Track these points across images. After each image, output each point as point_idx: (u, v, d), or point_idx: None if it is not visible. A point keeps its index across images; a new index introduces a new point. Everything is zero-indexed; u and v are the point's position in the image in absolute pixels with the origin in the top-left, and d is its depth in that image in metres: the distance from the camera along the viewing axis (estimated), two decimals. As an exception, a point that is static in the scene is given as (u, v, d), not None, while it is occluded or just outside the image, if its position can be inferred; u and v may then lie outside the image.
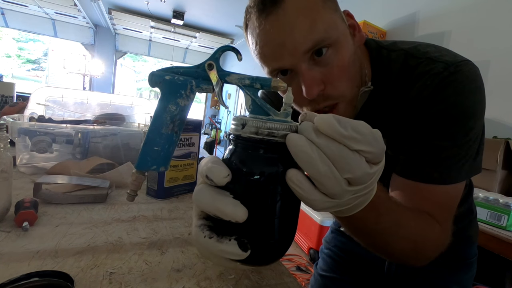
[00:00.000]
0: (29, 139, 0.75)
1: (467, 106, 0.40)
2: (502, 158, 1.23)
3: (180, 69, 0.29)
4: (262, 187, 0.23)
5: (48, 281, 0.31)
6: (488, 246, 1.09)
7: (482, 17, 1.68)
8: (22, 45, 14.86)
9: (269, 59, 0.42)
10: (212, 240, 0.23)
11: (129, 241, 0.45)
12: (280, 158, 0.23)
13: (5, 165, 0.45)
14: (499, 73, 1.54)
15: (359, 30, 0.45)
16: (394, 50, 0.47)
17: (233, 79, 0.28)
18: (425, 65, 0.43)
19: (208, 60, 0.29)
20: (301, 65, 0.40)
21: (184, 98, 0.28)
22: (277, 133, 0.23)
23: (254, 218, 0.23)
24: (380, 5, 2.43)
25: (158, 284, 0.35)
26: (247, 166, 0.23)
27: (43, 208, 0.52)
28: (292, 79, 0.43)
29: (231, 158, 0.25)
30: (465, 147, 0.41)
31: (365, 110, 0.48)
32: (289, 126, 0.23)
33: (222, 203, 0.22)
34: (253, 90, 0.27)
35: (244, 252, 0.22)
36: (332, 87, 0.42)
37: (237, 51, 0.29)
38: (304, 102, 0.44)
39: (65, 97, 1.10)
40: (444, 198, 0.41)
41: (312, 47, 0.39)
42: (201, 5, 4.58)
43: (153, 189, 0.66)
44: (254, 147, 0.24)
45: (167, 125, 0.28)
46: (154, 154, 0.28)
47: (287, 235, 0.25)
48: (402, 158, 0.44)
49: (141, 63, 16.84)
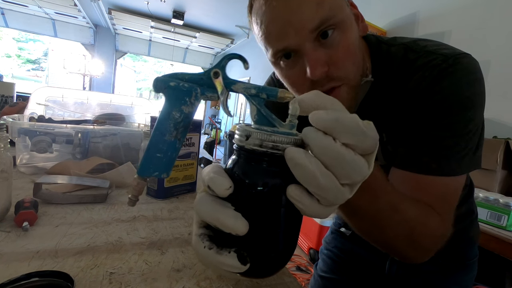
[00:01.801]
0: (29, 139, 0.75)
1: (465, 97, 0.40)
2: (502, 158, 1.23)
3: (186, 75, 0.29)
4: (264, 200, 0.23)
5: (48, 281, 0.31)
6: (488, 246, 1.09)
7: (482, 17, 1.68)
8: (22, 45, 14.87)
9: (274, 38, 0.41)
10: (212, 252, 0.23)
11: (129, 241, 0.45)
12: (283, 172, 0.23)
13: (5, 165, 0.45)
14: (499, 73, 1.54)
15: (362, 20, 0.45)
16: (393, 44, 0.47)
17: (238, 88, 0.27)
18: (424, 58, 0.43)
19: (214, 67, 0.28)
20: (306, 45, 0.39)
21: (189, 106, 0.28)
22: (281, 146, 0.22)
23: (255, 231, 0.23)
24: (380, 5, 2.43)
25: (158, 284, 0.35)
26: (250, 178, 0.23)
27: (43, 208, 0.52)
28: (295, 62, 0.42)
29: (234, 169, 0.24)
30: (464, 138, 0.40)
31: (365, 105, 0.48)
32: (294, 139, 0.23)
33: (223, 215, 0.22)
34: (258, 99, 0.26)
35: (243, 265, 0.22)
36: (336, 68, 0.41)
37: (244, 59, 0.29)
38: (307, 84, 0.43)
39: (65, 97, 1.10)
40: (443, 189, 0.41)
41: (319, 26, 0.38)
42: (201, 5, 4.58)
43: (153, 189, 0.66)
44: (257, 160, 0.23)
45: (171, 132, 0.28)
46: (156, 161, 0.28)
47: (287, 248, 0.25)
48: (401, 150, 0.44)
49: (141, 63, 16.84)
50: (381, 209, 0.33)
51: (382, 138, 0.48)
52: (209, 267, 0.24)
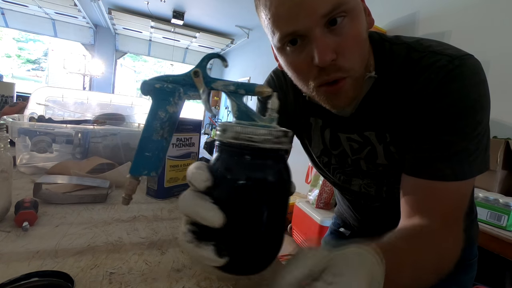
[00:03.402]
0: (29, 139, 0.75)
1: (474, 100, 0.39)
2: (502, 158, 1.23)
3: (170, 77, 0.30)
4: (241, 193, 0.23)
5: (48, 281, 0.31)
6: (488, 246, 1.09)
7: (482, 17, 1.68)
8: (22, 45, 14.86)
9: (283, 21, 0.39)
10: (192, 245, 0.23)
11: (129, 241, 0.45)
12: (259, 164, 0.23)
13: (5, 165, 0.45)
14: (499, 73, 1.54)
15: (369, 14, 0.45)
16: (396, 43, 0.46)
17: (218, 86, 0.28)
18: (429, 58, 0.42)
19: (195, 68, 0.29)
20: (316, 30, 0.38)
21: (173, 105, 0.29)
22: (256, 138, 0.22)
23: (233, 225, 0.23)
24: (380, 5, 2.43)
25: (158, 284, 0.35)
26: (227, 171, 0.24)
27: (43, 208, 0.52)
28: (302, 48, 0.41)
29: (215, 163, 0.25)
30: (474, 141, 0.40)
31: (367, 102, 0.48)
32: (269, 131, 0.23)
33: (200, 207, 0.23)
34: (237, 96, 0.27)
35: (220, 258, 0.22)
36: (344, 58, 0.40)
37: (223, 58, 0.30)
38: (313, 72, 0.41)
39: (65, 97, 1.10)
40: (457, 195, 0.41)
41: (331, 11, 0.37)
42: (201, 5, 4.57)
43: (153, 189, 0.66)
44: (234, 152, 0.24)
45: (157, 131, 0.29)
46: (145, 160, 0.29)
47: (268, 246, 0.25)
48: (411, 156, 0.44)
49: (141, 63, 16.82)
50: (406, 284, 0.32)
51: (386, 138, 0.48)
52: (195, 263, 0.25)
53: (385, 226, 0.63)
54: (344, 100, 0.44)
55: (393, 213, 0.59)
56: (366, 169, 0.54)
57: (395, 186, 0.53)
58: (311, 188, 2.33)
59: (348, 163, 0.56)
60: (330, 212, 2.12)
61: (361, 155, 0.52)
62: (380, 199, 0.57)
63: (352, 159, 0.54)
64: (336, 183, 0.64)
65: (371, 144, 0.50)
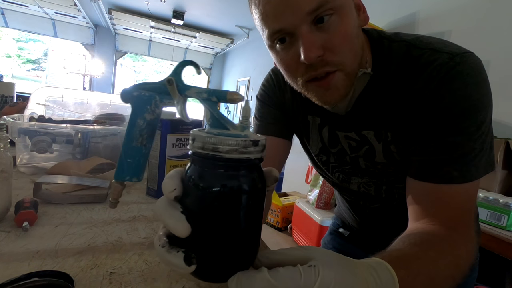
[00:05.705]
0: (29, 139, 0.75)
1: (476, 99, 0.39)
2: (502, 158, 1.23)
3: (147, 85, 0.31)
4: (207, 202, 0.23)
5: (48, 281, 0.31)
6: (488, 246, 1.09)
7: (482, 17, 1.68)
8: (22, 45, 14.86)
9: (270, 19, 0.40)
10: (163, 250, 0.23)
11: (129, 241, 0.45)
12: (224, 174, 0.23)
13: (5, 165, 0.45)
14: (499, 73, 1.54)
15: (364, 11, 0.44)
16: (395, 40, 0.46)
17: (192, 93, 0.28)
18: (429, 56, 0.42)
19: (169, 75, 0.29)
20: (302, 27, 0.38)
21: (150, 113, 0.30)
22: (221, 148, 0.22)
23: (200, 233, 0.23)
24: (380, 5, 2.43)
25: (158, 284, 0.35)
26: (195, 180, 0.24)
27: (43, 208, 0.52)
28: (290, 46, 0.41)
29: (186, 172, 0.25)
30: (479, 141, 0.40)
31: (364, 99, 0.48)
32: (235, 141, 0.23)
33: (167, 216, 0.23)
34: (210, 103, 0.27)
35: (188, 266, 0.23)
36: (332, 53, 0.40)
37: (196, 65, 0.30)
38: (301, 69, 0.42)
39: (65, 97, 1.10)
40: (465, 197, 0.40)
41: (317, 8, 0.37)
42: (201, 5, 4.57)
43: (153, 189, 0.66)
44: (200, 162, 0.24)
45: (137, 138, 0.30)
46: (127, 166, 0.30)
47: (237, 254, 0.25)
48: (416, 159, 0.43)
49: (141, 63, 16.82)
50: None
51: (386, 137, 0.48)
52: (166, 266, 0.25)
53: (384, 229, 0.63)
54: (335, 95, 0.43)
55: (392, 215, 0.59)
56: (365, 167, 0.54)
57: (394, 186, 0.53)
58: (311, 188, 2.32)
59: (346, 161, 0.56)
60: (330, 212, 2.12)
61: (359, 153, 0.52)
62: (380, 199, 0.57)
63: (351, 157, 0.54)
64: (336, 183, 0.63)
65: (369, 143, 0.50)
